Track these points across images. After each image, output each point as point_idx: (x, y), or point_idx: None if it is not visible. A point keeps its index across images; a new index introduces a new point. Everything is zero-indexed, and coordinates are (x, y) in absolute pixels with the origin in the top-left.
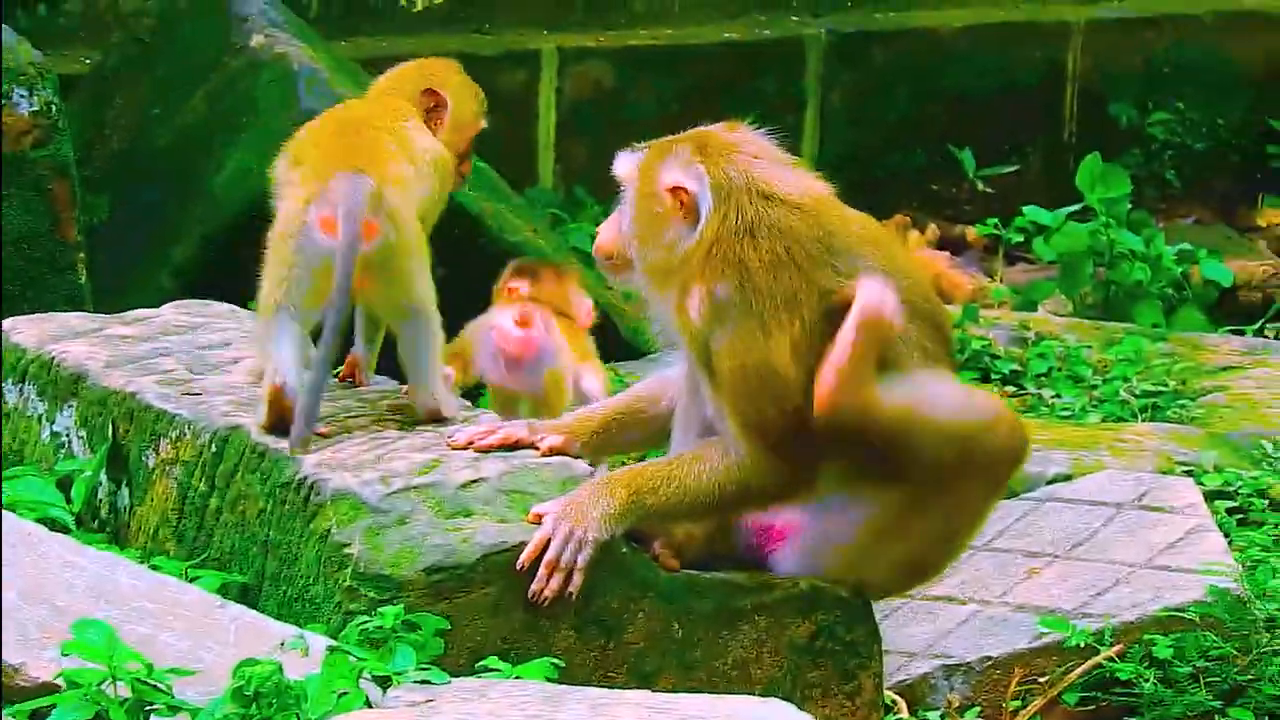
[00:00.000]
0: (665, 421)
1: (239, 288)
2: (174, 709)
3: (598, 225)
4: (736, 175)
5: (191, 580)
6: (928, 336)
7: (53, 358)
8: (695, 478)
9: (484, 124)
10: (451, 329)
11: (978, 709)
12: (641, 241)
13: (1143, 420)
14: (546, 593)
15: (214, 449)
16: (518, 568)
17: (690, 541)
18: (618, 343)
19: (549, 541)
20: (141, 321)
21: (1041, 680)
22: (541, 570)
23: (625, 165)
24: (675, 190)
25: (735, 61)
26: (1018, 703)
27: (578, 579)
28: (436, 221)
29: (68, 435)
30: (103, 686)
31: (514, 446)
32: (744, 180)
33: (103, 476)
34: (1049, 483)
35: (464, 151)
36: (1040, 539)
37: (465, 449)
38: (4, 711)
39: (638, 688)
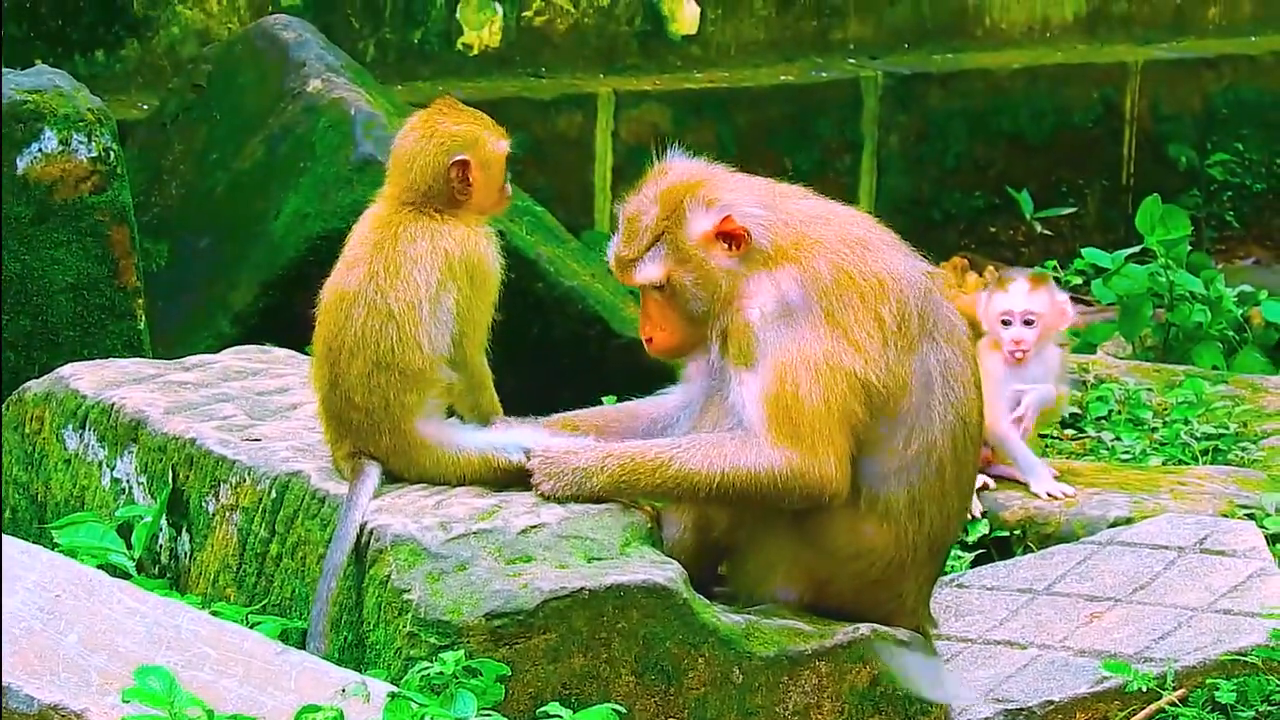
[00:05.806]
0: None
1: (297, 333)
2: None
3: None
4: (744, 189)
5: (252, 626)
6: None
7: (112, 404)
8: (702, 463)
9: (507, 147)
10: (509, 371)
11: None
12: (704, 300)
13: (1204, 463)
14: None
15: (274, 495)
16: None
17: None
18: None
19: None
20: (201, 367)
21: None
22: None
23: (651, 265)
24: (720, 235)
25: (792, 104)
26: None
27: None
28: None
29: (128, 481)
30: None
31: None
32: (753, 191)
33: (163, 523)
34: (1110, 526)
35: (500, 183)
36: (1101, 583)
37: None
38: None
39: None
